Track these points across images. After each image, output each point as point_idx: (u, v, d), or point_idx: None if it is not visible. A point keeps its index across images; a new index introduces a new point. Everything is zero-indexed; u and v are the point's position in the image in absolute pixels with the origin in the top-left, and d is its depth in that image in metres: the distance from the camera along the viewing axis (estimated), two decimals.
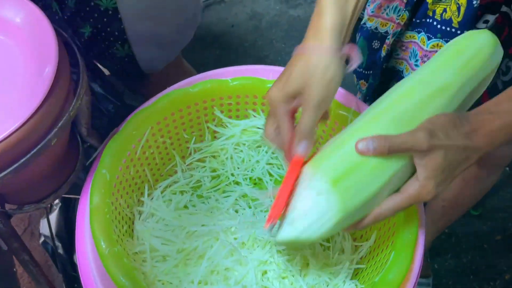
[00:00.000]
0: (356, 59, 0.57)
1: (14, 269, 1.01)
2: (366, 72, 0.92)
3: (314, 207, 0.53)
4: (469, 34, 0.64)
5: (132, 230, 0.68)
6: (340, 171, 0.53)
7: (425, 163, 0.50)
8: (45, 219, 1.14)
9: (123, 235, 0.63)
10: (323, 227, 0.52)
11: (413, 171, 0.53)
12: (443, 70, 0.59)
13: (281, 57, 1.67)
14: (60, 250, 1.14)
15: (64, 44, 0.63)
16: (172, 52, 0.98)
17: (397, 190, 0.54)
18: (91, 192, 0.59)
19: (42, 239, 1.18)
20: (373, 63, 0.89)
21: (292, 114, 0.57)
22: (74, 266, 1.18)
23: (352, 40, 0.75)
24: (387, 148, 0.50)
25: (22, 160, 0.55)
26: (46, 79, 0.56)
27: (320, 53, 0.54)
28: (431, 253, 1.32)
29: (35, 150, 0.56)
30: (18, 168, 0.55)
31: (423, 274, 1.24)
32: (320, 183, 0.52)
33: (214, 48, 1.66)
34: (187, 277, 0.61)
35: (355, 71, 0.97)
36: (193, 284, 0.59)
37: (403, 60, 0.84)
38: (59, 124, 0.58)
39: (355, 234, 0.73)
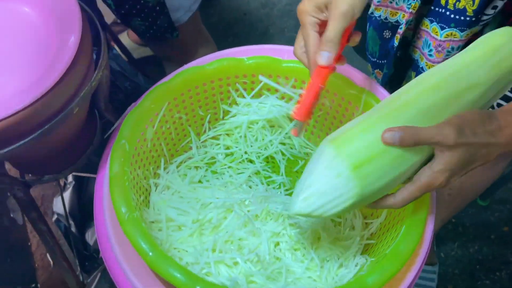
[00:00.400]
0: None
1: (29, 243, 1.03)
2: (379, 61, 0.93)
3: (331, 188, 0.53)
4: (506, 31, 0.63)
5: (149, 201, 0.69)
6: (362, 157, 0.53)
7: (445, 157, 0.51)
8: (59, 198, 1.16)
9: (140, 205, 0.65)
10: (336, 208, 0.53)
11: (430, 159, 0.54)
12: (477, 66, 0.59)
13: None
14: (73, 228, 1.16)
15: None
16: (194, 2, 1.03)
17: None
18: (111, 161, 0.61)
19: (55, 217, 1.20)
20: (386, 52, 0.89)
21: (320, 28, 0.58)
22: (85, 245, 1.20)
23: (361, 28, 0.77)
24: (413, 141, 0.51)
25: (46, 126, 0.57)
26: (71, 48, 0.58)
27: None
28: (437, 242, 1.33)
29: (59, 117, 0.58)
30: (42, 134, 0.57)
31: (429, 261, 1.26)
32: (341, 166, 0.52)
33: (226, 35, 1.67)
34: (202, 245, 0.62)
35: (369, 61, 0.98)
36: (207, 252, 0.61)
37: (417, 49, 0.85)
38: (82, 93, 0.60)
39: (365, 212, 0.74)
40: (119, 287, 0.61)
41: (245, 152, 0.80)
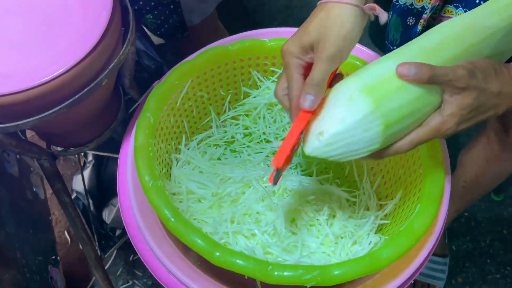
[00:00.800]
0: (383, 14, 0.56)
1: (50, 218, 1.07)
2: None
3: (358, 141, 0.52)
4: None
5: (170, 174, 0.72)
6: (395, 118, 0.51)
7: (455, 100, 0.51)
8: (79, 176, 1.19)
9: (162, 177, 0.67)
10: (353, 157, 0.53)
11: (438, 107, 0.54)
12: (492, 14, 0.57)
13: None
14: (91, 207, 1.19)
15: None
16: (209, 6, 1.03)
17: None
18: (136, 132, 0.63)
19: (74, 195, 1.23)
20: (407, 40, 0.90)
21: (305, 70, 0.56)
22: (102, 223, 1.23)
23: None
24: (427, 76, 0.50)
25: (76, 97, 0.59)
26: (102, 22, 0.60)
27: (340, 7, 0.53)
28: (449, 235, 1.34)
29: (88, 87, 0.60)
30: (72, 104, 0.60)
31: (440, 253, 1.26)
32: (375, 124, 0.51)
33: (244, 24, 1.69)
34: (221, 216, 0.65)
35: (387, 50, 0.98)
36: (226, 223, 0.63)
37: None
38: (111, 66, 0.62)
39: (380, 194, 0.76)
40: (140, 253, 0.63)
41: (263, 133, 0.82)
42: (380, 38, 0.98)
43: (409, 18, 0.87)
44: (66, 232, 1.35)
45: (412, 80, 0.51)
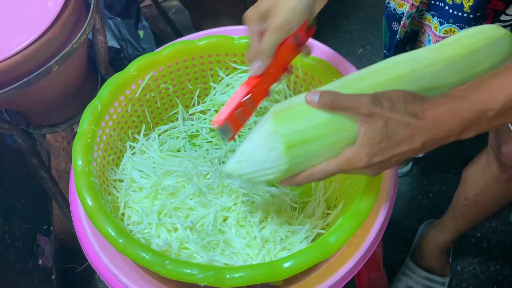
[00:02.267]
0: None
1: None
2: (388, 53, 0.90)
3: (263, 160, 0.54)
4: (490, 31, 0.61)
5: (121, 161, 0.74)
6: (297, 139, 0.53)
7: (364, 130, 0.50)
8: None
9: (108, 163, 0.70)
10: (263, 177, 0.54)
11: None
12: (444, 66, 0.57)
13: (340, 34, 1.65)
14: None
15: None
16: None
17: None
18: (82, 119, 0.67)
19: None
20: (393, 45, 0.86)
21: (262, 36, 0.59)
22: None
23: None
24: (329, 101, 0.51)
25: (22, 80, 0.64)
26: (51, 13, 0.64)
27: None
28: (456, 255, 1.26)
29: (36, 73, 0.64)
30: (20, 87, 0.64)
31: (439, 272, 1.20)
32: (276, 142, 0.53)
33: None
34: (152, 208, 0.66)
35: (384, 52, 0.95)
36: (154, 214, 0.65)
37: (422, 44, 0.81)
38: (61, 54, 0.66)
39: (330, 203, 0.74)
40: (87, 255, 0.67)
41: None
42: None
43: (393, 23, 0.84)
44: None
45: (318, 106, 0.52)
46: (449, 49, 0.58)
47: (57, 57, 0.65)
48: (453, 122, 0.48)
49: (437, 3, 0.72)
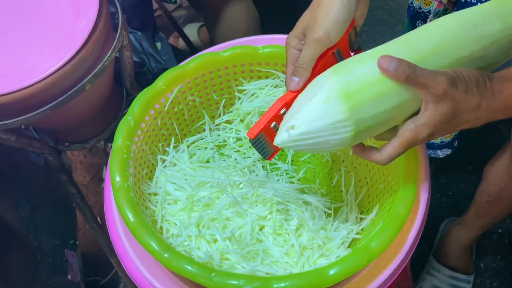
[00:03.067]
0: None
1: (73, 204, 1.15)
2: None
3: (322, 113, 0.51)
4: None
5: (154, 174, 0.75)
6: (353, 87, 0.51)
7: (430, 110, 0.49)
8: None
9: (142, 177, 0.71)
10: (327, 143, 0.52)
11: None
12: (495, 19, 0.55)
13: None
14: None
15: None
16: None
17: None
18: (116, 135, 0.67)
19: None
20: None
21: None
22: None
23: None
24: (406, 74, 0.49)
25: (57, 100, 0.65)
26: (83, 32, 0.64)
27: None
28: (478, 252, 1.26)
29: (70, 92, 0.65)
30: (56, 106, 0.65)
31: (464, 270, 1.20)
32: (331, 91, 0.51)
33: (286, 23, 1.69)
34: (189, 219, 0.67)
35: None
36: (191, 226, 0.65)
37: None
38: (94, 71, 0.67)
39: (363, 207, 0.74)
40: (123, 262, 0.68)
41: None
42: None
43: (418, 21, 0.84)
44: (99, 218, 1.45)
45: (391, 76, 0.50)
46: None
47: (90, 75, 0.66)
48: None
49: (469, 0, 0.73)
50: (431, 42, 0.53)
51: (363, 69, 0.51)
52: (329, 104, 0.51)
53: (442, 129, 0.51)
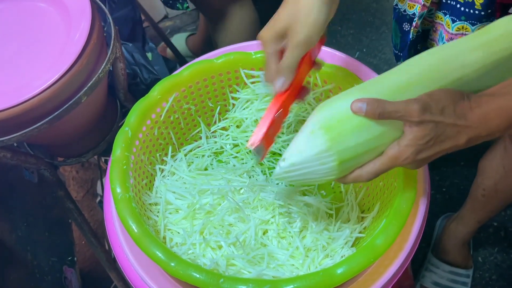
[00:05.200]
0: None
1: (69, 221, 1.14)
2: (400, 53, 0.92)
3: (315, 172, 0.55)
4: (498, 21, 0.61)
5: (153, 185, 0.75)
6: (332, 120, 0.54)
7: (411, 132, 0.51)
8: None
9: (142, 187, 0.71)
10: (313, 182, 0.55)
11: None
12: (466, 48, 0.56)
13: (335, 39, 1.67)
14: None
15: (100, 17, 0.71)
16: None
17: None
18: (114, 146, 0.67)
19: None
20: (405, 44, 0.88)
21: (280, 54, 0.60)
22: None
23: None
24: (377, 113, 0.51)
25: (54, 114, 0.64)
26: (78, 44, 0.64)
27: None
28: (476, 245, 1.28)
29: (66, 105, 0.65)
30: (52, 120, 0.64)
31: (463, 265, 1.21)
32: (327, 158, 0.54)
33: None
34: (192, 228, 0.67)
35: (393, 53, 0.97)
36: (195, 234, 0.65)
37: (434, 42, 0.83)
38: (89, 84, 0.66)
39: (363, 207, 0.74)
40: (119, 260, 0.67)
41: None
42: None
43: (404, 23, 0.86)
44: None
45: (365, 116, 0.52)
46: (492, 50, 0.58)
47: (86, 88, 0.66)
48: (500, 119, 0.50)
49: (449, 1, 0.74)
50: (413, 72, 0.55)
51: (344, 103, 0.54)
52: (313, 136, 0.54)
53: (426, 147, 0.52)
